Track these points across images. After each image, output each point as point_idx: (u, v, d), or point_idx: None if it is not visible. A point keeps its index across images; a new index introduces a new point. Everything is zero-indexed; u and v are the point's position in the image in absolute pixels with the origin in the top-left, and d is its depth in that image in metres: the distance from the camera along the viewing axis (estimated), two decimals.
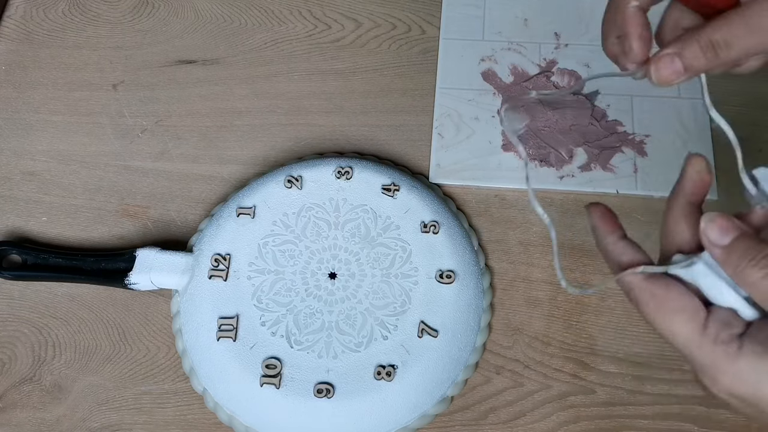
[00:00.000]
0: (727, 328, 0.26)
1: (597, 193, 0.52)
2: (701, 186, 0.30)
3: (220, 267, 0.47)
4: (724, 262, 0.26)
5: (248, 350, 0.45)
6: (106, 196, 0.54)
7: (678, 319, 0.27)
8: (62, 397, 0.47)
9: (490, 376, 0.47)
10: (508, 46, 0.58)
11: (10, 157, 0.56)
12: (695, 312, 0.27)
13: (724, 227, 0.27)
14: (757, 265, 0.25)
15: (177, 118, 0.57)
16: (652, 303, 0.28)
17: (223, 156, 0.55)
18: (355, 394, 0.44)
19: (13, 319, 0.50)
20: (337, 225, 0.49)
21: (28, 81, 0.59)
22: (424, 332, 0.45)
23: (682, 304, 0.27)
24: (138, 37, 0.61)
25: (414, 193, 0.50)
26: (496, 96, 0.56)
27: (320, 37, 0.60)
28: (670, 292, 0.27)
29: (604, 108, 0.55)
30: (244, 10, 0.62)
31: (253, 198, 0.50)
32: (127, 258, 0.48)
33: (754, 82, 0.56)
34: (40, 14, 0.62)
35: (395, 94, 0.57)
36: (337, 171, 0.51)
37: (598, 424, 0.45)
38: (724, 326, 0.26)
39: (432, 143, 0.55)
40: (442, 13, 0.60)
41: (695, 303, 0.27)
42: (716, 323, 0.26)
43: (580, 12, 0.60)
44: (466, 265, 0.48)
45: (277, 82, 0.58)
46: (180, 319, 0.48)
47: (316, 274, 0.47)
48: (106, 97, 0.58)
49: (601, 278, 0.49)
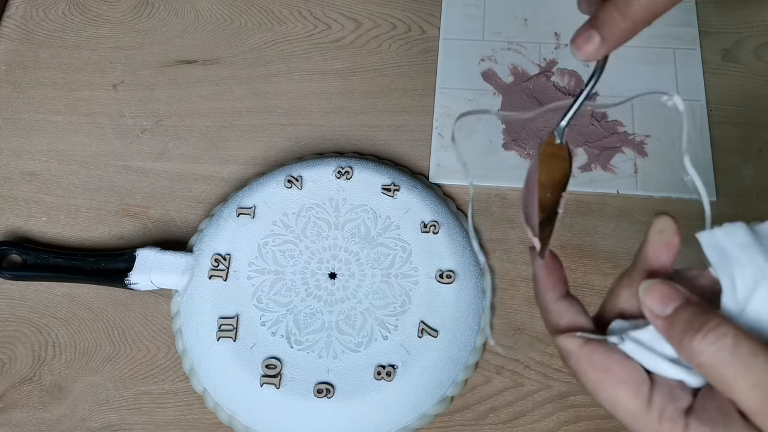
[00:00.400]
0: (673, 401, 0.24)
1: (597, 193, 0.52)
2: (665, 251, 0.26)
3: (220, 267, 0.48)
4: (666, 335, 0.24)
5: (248, 350, 0.45)
6: (106, 196, 0.54)
7: (620, 392, 0.25)
8: (62, 397, 0.47)
9: (490, 376, 0.47)
10: (508, 46, 0.58)
11: (10, 157, 0.56)
12: (639, 384, 0.24)
13: (666, 295, 0.24)
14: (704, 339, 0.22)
15: (177, 118, 0.57)
16: (591, 373, 0.25)
17: (223, 156, 0.55)
18: (355, 394, 0.44)
19: (13, 319, 0.50)
20: (337, 225, 0.49)
21: (28, 81, 0.59)
22: (424, 332, 0.45)
23: (624, 375, 0.25)
24: (138, 37, 0.61)
25: (414, 193, 0.50)
26: (496, 96, 0.56)
27: (320, 37, 0.60)
28: (611, 361, 0.25)
29: (605, 108, 0.55)
30: (244, 10, 0.62)
31: (253, 198, 0.50)
32: (127, 258, 0.48)
33: (754, 83, 0.56)
34: (40, 14, 0.62)
35: (395, 94, 0.57)
36: (337, 171, 0.51)
37: (598, 424, 0.45)
38: (670, 400, 0.24)
39: (432, 143, 0.55)
40: (442, 13, 0.60)
41: (638, 374, 0.25)
42: (661, 396, 0.24)
43: (581, 12, 0.60)
44: (466, 265, 0.48)
45: (277, 82, 0.58)
46: (180, 319, 0.48)
47: (316, 274, 0.47)
48: (106, 97, 0.58)
49: (601, 279, 0.49)
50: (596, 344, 0.26)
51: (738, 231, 0.25)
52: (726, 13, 0.59)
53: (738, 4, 0.60)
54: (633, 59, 0.56)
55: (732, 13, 0.59)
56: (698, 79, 0.56)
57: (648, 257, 0.26)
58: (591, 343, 0.26)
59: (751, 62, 0.57)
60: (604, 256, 0.50)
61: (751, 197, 0.52)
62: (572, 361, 0.26)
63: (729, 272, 0.24)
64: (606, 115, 0.55)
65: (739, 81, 0.56)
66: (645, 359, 0.25)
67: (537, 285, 0.28)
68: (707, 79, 0.56)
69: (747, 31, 0.58)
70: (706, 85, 0.56)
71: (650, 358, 0.25)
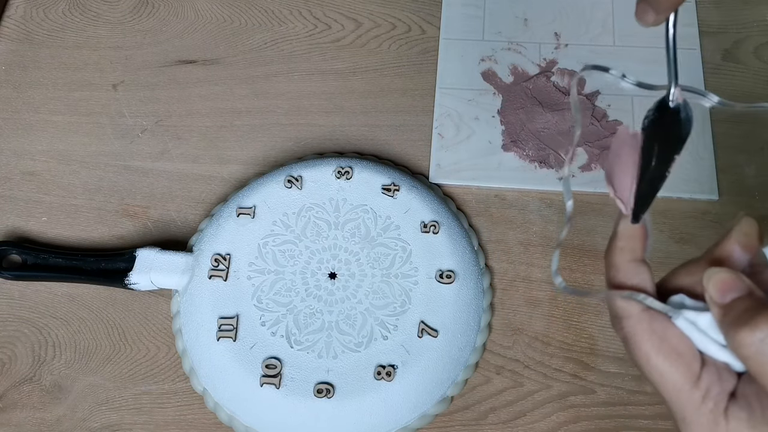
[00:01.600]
0: (720, 383, 0.25)
1: (597, 193, 0.52)
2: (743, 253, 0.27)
3: (220, 267, 0.47)
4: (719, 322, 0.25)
5: (248, 350, 0.45)
6: (106, 196, 0.54)
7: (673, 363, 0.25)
8: (62, 397, 0.47)
9: (490, 376, 0.47)
10: (508, 46, 0.58)
11: (10, 157, 0.56)
12: (692, 360, 0.25)
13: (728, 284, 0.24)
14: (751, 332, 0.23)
15: (177, 118, 0.57)
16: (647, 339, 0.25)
17: (223, 156, 0.55)
18: (355, 394, 0.44)
19: (13, 319, 0.50)
20: (337, 225, 0.49)
21: (28, 81, 0.59)
22: (424, 332, 0.45)
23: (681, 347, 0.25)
24: (138, 37, 0.61)
25: (414, 193, 0.50)
26: (496, 96, 0.56)
27: (320, 37, 0.60)
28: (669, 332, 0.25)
29: (605, 108, 0.55)
30: (244, 10, 0.62)
31: (253, 198, 0.50)
32: (127, 258, 0.48)
33: (754, 83, 0.56)
34: (40, 14, 0.62)
35: (395, 94, 0.57)
36: (337, 171, 0.50)
37: (598, 424, 0.45)
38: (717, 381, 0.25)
39: (432, 143, 0.55)
40: (442, 13, 0.60)
41: (693, 350, 0.25)
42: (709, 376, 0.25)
43: (580, 12, 0.60)
44: (466, 265, 0.48)
45: (277, 82, 0.58)
46: (180, 319, 0.48)
47: (316, 274, 0.47)
48: (106, 97, 0.58)
49: (601, 279, 0.49)
50: (657, 314, 0.26)
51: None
52: (726, 13, 0.59)
53: (738, 4, 0.60)
54: (633, 59, 0.56)
55: (732, 13, 0.59)
56: (698, 79, 0.56)
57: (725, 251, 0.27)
58: (651, 311, 0.26)
59: (751, 62, 0.57)
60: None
61: (753, 196, 0.52)
62: (629, 322, 0.26)
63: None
64: (606, 115, 0.55)
65: (739, 81, 0.56)
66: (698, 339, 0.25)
67: (614, 243, 0.28)
68: (707, 79, 0.56)
69: (747, 31, 0.58)
70: (706, 85, 0.56)
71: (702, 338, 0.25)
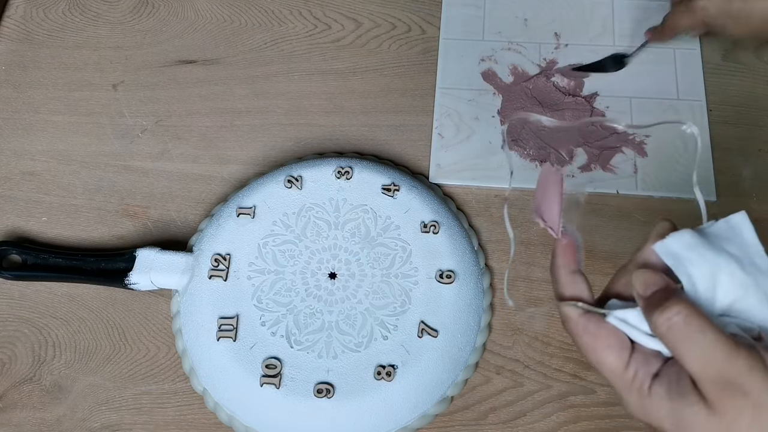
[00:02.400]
0: (645, 366, 0.30)
1: (597, 193, 0.52)
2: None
3: (220, 267, 0.47)
4: (643, 311, 0.30)
5: (248, 350, 0.45)
6: (106, 196, 0.54)
7: (606, 354, 0.30)
8: (62, 397, 0.47)
9: (490, 376, 0.47)
10: (508, 46, 0.58)
11: (10, 157, 0.56)
12: (621, 350, 0.30)
13: (649, 281, 0.30)
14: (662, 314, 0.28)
15: (177, 118, 0.57)
16: (585, 337, 0.31)
17: (223, 156, 0.55)
18: (355, 394, 0.44)
19: (13, 319, 0.50)
20: (337, 225, 0.49)
21: (28, 81, 0.59)
22: (424, 332, 0.45)
23: (610, 341, 0.30)
24: (138, 37, 0.61)
25: (414, 193, 0.50)
26: (496, 96, 0.56)
27: (320, 37, 0.60)
28: (601, 330, 0.31)
29: (604, 109, 0.55)
30: (244, 10, 0.62)
31: (253, 198, 0.50)
32: (127, 258, 0.48)
33: (754, 83, 0.56)
34: (40, 14, 0.62)
35: (395, 94, 0.57)
36: (337, 171, 0.51)
37: (598, 424, 0.45)
38: (643, 364, 0.30)
39: (432, 143, 0.55)
40: (442, 13, 0.60)
41: (622, 341, 0.30)
42: (636, 361, 0.30)
43: (580, 12, 0.60)
44: (466, 265, 0.48)
45: (277, 82, 0.58)
46: (180, 319, 0.48)
47: (316, 274, 0.47)
48: (106, 97, 0.58)
49: (601, 279, 0.49)
50: (592, 315, 0.31)
51: (684, 235, 0.29)
52: None
53: None
54: (633, 59, 0.56)
55: None
56: (698, 79, 0.56)
57: (646, 254, 0.31)
58: (588, 314, 0.31)
59: (751, 62, 0.57)
60: (604, 256, 0.50)
61: (751, 197, 0.52)
62: (570, 325, 0.32)
63: (685, 272, 0.29)
64: (605, 116, 0.55)
65: (739, 81, 0.56)
66: (629, 332, 0.30)
67: (553, 260, 0.33)
68: (707, 79, 0.56)
69: None
70: (706, 85, 0.56)
71: (633, 331, 0.30)
